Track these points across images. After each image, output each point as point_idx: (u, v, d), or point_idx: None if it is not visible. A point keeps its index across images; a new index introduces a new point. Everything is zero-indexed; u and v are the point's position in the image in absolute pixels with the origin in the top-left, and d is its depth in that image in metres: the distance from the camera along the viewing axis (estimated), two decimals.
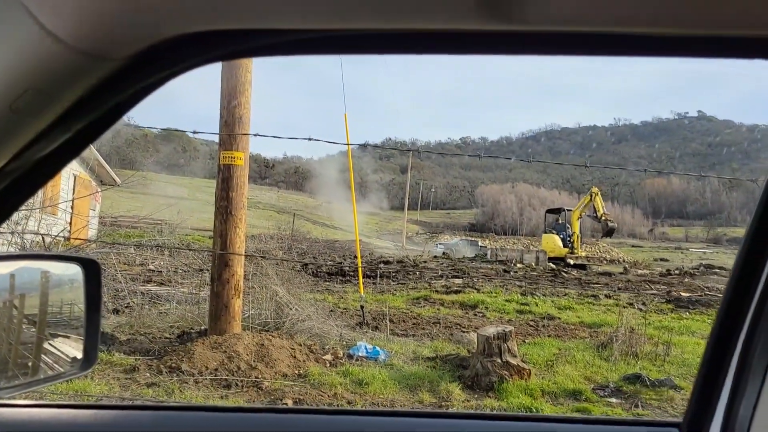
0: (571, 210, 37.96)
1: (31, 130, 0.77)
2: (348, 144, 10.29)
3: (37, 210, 12.28)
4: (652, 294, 19.19)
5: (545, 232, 38.92)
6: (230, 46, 0.74)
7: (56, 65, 0.70)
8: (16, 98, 0.71)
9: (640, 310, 14.60)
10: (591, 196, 35.67)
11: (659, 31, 0.67)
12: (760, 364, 1.12)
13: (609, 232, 34.95)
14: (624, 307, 14.84)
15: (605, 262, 45.41)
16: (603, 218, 34.64)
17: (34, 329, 1.50)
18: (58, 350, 1.52)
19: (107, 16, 0.66)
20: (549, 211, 42.79)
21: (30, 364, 1.47)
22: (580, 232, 37.46)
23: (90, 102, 0.76)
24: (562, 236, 36.50)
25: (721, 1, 0.62)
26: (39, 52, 0.68)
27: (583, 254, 35.89)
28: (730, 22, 0.65)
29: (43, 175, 0.85)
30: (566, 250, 35.22)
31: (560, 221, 37.94)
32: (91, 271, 1.29)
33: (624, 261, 46.24)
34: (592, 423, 1.46)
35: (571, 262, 32.71)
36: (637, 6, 0.63)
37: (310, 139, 8.62)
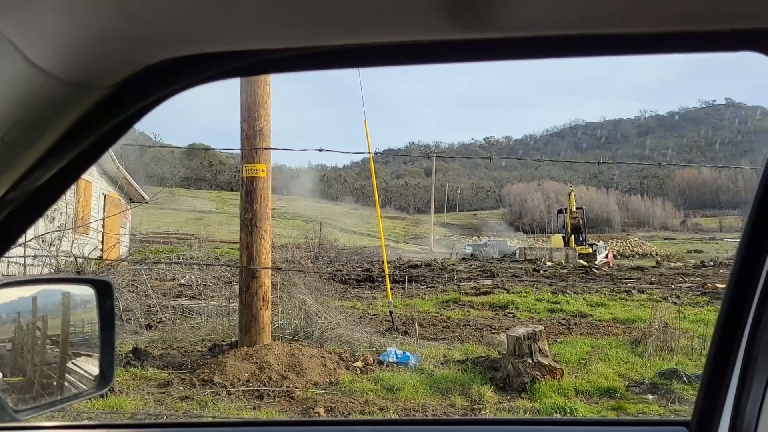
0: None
1: (25, 161, 0.78)
2: (370, 153, 10.31)
3: (70, 230, 12.56)
4: (686, 287, 18.83)
5: (555, 232, 41.04)
6: (207, 70, 0.75)
7: (45, 97, 0.71)
8: (8, 131, 0.73)
9: (674, 303, 14.33)
10: (569, 195, 38.27)
11: (629, 30, 0.68)
12: (764, 362, 1.09)
13: (574, 229, 36.95)
14: (657, 301, 14.57)
15: (637, 256, 44.92)
16: (572, 216, 37.04)
17: (57, 349, 1.53)
18: (82, 369, 1.55)
19: (90, 47, 0.68)
20: (558, 211, 43.44)
21: (54, 383, 1.50)
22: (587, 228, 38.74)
23: (81, 131, 0.77)
24: (563, 236, 37.16)
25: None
26: (27, 85, 0.70)
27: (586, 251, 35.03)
28: (698, 17, 0.65)
29: (43, 203, 0.87)
30: None
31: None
32: (104, 291, 1.32)
33: (656, 254, 45.64)
34: (602, 425, 1.44)
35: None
36: (605, 7, 0.63)
37: (321, 150, 8.63)
